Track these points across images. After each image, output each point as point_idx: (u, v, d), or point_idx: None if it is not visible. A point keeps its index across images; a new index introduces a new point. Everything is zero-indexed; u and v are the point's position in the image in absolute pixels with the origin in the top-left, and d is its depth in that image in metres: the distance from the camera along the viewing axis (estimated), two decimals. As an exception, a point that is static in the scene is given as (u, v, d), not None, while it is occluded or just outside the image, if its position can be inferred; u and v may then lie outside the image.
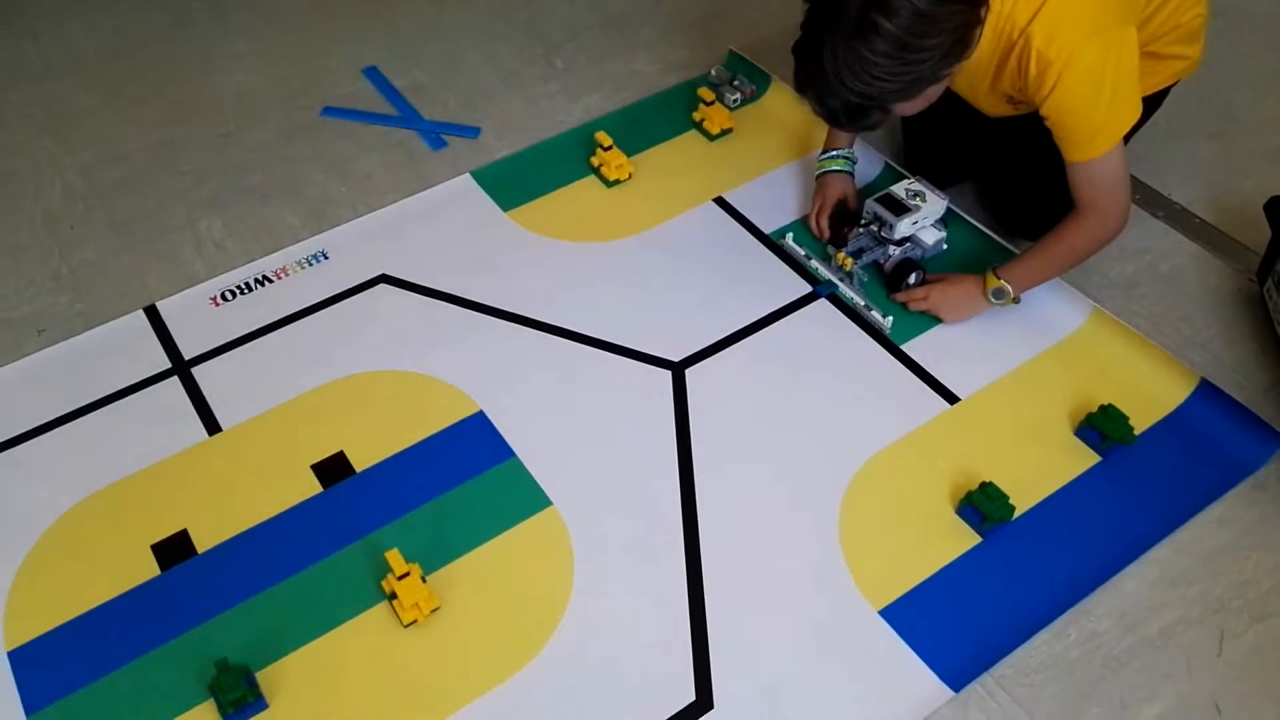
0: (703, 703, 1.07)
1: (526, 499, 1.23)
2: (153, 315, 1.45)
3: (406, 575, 1.12)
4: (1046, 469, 1.25)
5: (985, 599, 1.14)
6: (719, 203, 1.58)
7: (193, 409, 1.33)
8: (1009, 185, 1.51)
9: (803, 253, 1.48)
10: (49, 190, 1.65)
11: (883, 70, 1.07)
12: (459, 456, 1.27)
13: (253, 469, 1.27)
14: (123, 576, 1.17)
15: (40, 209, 1.62)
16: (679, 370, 1.36)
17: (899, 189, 1.42)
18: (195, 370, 1.38)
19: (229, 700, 1.04)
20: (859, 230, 1.45)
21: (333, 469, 1.26)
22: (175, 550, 1.19)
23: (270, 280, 1.49)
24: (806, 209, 1.54)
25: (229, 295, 1.47)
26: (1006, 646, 1.11)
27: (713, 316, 1.42)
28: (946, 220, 1.46)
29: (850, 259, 1.42)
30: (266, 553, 1.19)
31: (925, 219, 1.42)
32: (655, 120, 1.71)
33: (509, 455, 1.27)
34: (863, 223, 1.45)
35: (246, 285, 1.48)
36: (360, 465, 1.27)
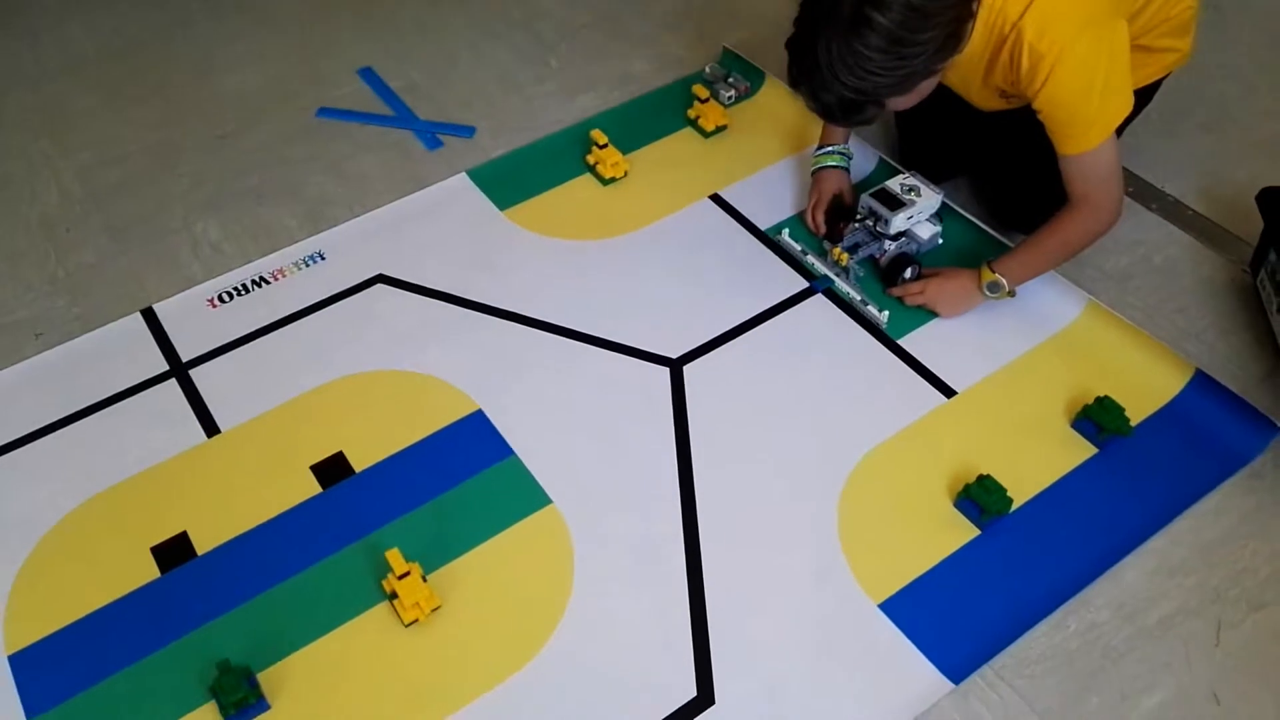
0: (704, 698, 1.07)
1: (526, 497, 1.23)
2: (150, 318, 1.45)
3: (407, 575, 1.12)
4: (1044, 461, 1.25)
5: (984, 591, 1.14)
6: (715, 199, 1.58)
7: (191, 411, 1.33)
8: (1003, 179, 1.52)
9: (799, 248, 1.48)
10: (45, 194, 1.65)
11: (877, 65, 1.08)
12: (458, 455, 1.27)
13: (252, 470, 1.27)
14: (123, 579, 1.17)
15: (36, 212, 1.62)
16: (677, 367, 1.36)
17: (894, 184, 1.42)
18: (193, 372, 1.38)
19: (231, 702, 1.04)
20: (855, 225, 1.45)
21: (332, 469, 1.26)
22: (175, 552, 1.19)
23: (267, 281, 1.49)
24: (802, 205, 1.54)
25: (226, 297, 1.47)
26: (1006, 638, 1.11)
27: (710, 313, 1.42)
28: (941, 215, 1.46)
29: (846, 254, 1.42)
30: (267, 554, 1.19)
31: (920, 214, 1.42)
32: (650, 118, 1.71)
33: (508, 454, 1.27)
34: (858, 218, 1.45)
35: (244, 287, 1.48)
36: (359, 465, 1.27)
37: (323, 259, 1.52)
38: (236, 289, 1.48)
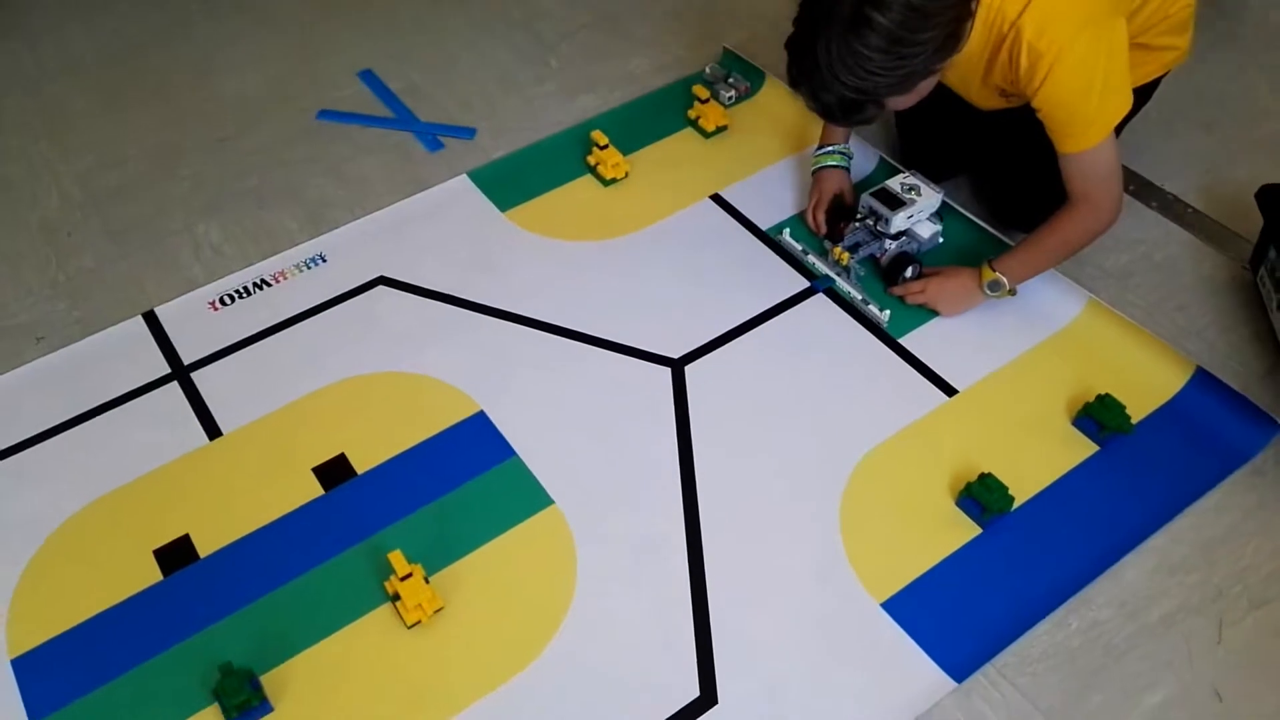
0: (707, 698, 1.07)
1: (528, 498, 1.23)
2: (151, 321, 1.45)
3: (409, 576, 1.12)
4: (1045, 459, 1.25)
5: (986, 590, 1.14)
6: (715, 200, 1.58)
7: (193, 414, 1.33)
8: (1003, 178, 1.52)
9: (800, 248, 1.49)
10: (46, 198, 1.65)
11: (876, 64, 1.08)
12: (460, 457, 1.27)
13: (254, 473, 1.27)
14: (125, 582, 1.17)
15: (37, 217, 1.62)
16: (678, 367, 1.36)
17: (894, 183, 1.42)
18: (195, 375, 1.38)
19: (234, 704, 1.04)
20: (855, 225, 1.45)
21: (334, 471, 1.27)
22: (177, 555, 1.20)
23: (269, 284, 1.49)
24: (803, 205, 1.54)
25: (227, 300, 1.47)
26: (1008, 636, 1.11)
27: (711, 313, 1.42)
28: (942, 214, 1.46)
29: (847, 254, 1.43)
30: (269, 556, 1.19)
31: (921, 213, 1.42)
32: (651, 118, 1.71)
33: (510, 454, 1.27)
34: (859, 217, 1.45)
35: (245, 289, 1.48)
36: (361, 467, 1.27)
37: (324, 261, 1.52)
38: (238, 291, 1.48)
